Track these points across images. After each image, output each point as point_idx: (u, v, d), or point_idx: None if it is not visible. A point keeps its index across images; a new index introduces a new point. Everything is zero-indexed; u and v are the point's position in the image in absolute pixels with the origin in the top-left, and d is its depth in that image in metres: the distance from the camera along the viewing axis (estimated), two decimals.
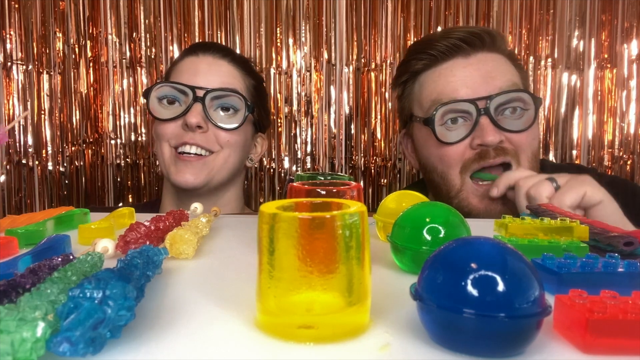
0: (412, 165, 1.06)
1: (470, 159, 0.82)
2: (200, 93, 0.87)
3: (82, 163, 1.26)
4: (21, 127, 1.24)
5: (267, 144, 1.05)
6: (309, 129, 1.26)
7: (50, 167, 1.25)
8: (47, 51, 1.23)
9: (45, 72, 1.23)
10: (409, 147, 0.96)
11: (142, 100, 1.26)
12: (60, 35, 1.23)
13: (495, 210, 0.81)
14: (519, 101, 0.82)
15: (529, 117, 0.82)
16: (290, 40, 1.24)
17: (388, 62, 1.24)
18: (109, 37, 1.24)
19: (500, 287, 0.24)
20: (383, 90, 1.25)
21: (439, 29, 1.22)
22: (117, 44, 1.25)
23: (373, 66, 1.24)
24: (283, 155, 1.26)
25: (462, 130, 0.82)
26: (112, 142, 1.27)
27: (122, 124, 1.27)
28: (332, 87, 1.24)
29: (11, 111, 1.23)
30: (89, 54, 1.25)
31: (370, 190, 1.27)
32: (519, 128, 0.81)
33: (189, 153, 0.89)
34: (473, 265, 0.25)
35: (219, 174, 0.92)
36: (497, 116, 0.81)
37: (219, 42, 1.23)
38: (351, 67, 1.24)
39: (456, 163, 0.83)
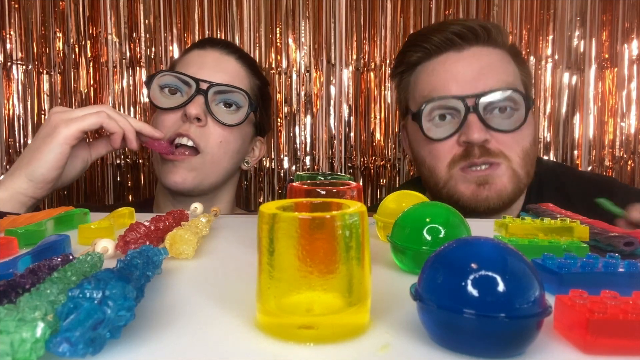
0: (410, 158, 1.06)
1: (459, 154, 0.83)
2: (204, 86, 0.86)
3: None
4: (21, 127, 1.23)
5: (265, 149, 1.03)
6: (309, 129, 1.26)
7: None
8: (47, 51, 1.23)
9: (45, 72, 1.23)
10: (406, 139, 0.97)
11: (144, 92, 1.24)
12: (60, 35, 1.23)
13: (481, 195, 0.82)
14: (509, 101, 0.81)
15: (518, 117, 0.82)
16: (290, 40, 1.24)
17: (388, 62, 1.24)
18: (109, 37, 1.24)
19: (501, 287, 0.24)
20: (383, 90, 1.25)
21: None
22: (117, 44, 1.25)
23: (373, 66, 1.24)
24: (282, 155, 1.26)
25: (450, 127, 0.83)
26: None
27: None
28: (331, 87, 1.24)
29: (11, 111, 1.23)
30: (89, 53, 1.25)
31: (369, 190, 1.27)
32: (507, 128, 0.81)
33: (180, 145, 0.86)
34: (473, 265, 0.25)
35: (209, 177, 0.90)
36: (485, 115, 0.80)
37: None
38: (351, 67, 1.24)
39: (444, 157, 0.84)
